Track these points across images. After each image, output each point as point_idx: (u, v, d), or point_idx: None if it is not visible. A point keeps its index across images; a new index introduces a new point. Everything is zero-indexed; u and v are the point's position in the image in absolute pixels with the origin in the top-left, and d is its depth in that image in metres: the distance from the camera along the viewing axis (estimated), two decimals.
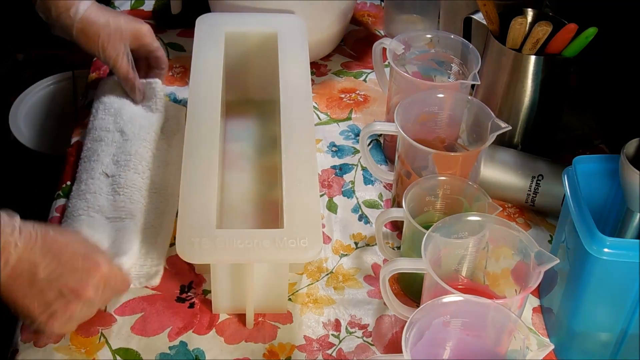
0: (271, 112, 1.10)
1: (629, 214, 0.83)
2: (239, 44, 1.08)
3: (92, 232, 0.92)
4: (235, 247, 0.81)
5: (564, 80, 1.05)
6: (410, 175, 0.95)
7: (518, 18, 1.00)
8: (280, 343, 0.87)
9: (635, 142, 0.80)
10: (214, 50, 1.03)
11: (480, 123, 0.95)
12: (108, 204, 0.95)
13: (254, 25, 1.10)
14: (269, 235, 0.83)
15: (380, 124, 0.98)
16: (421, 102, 0.98)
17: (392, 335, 0.89)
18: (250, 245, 0.81)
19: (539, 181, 1.00)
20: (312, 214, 0.85)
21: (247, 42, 1.09)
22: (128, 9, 1.36)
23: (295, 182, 0.88)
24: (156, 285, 0.91)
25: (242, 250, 0.81)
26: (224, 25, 1.08)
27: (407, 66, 1.08)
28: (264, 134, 1.09)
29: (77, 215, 0.94)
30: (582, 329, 0.84)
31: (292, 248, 0.81)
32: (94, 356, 0.85)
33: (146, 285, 0.91)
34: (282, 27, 1.08)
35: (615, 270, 0.78)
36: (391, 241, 1.00)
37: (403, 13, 1.30)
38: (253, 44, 1.10)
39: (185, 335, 0.88)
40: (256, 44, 1.09)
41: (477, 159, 0.94)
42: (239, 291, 0.87)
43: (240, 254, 0.81)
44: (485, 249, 0.86)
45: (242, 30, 1.09)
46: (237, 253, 0.81)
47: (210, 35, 1.06)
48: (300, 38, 1.07)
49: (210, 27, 1.07)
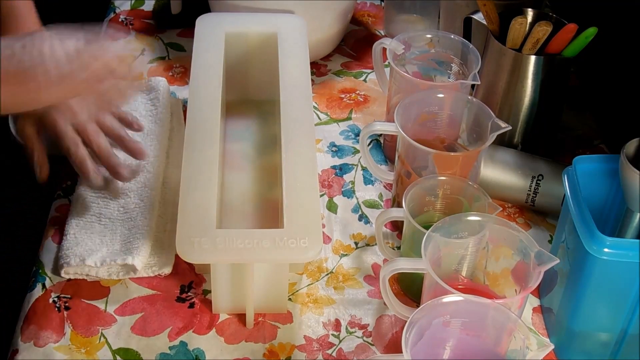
0: (271, 112, 1.10)
1: (629, 214, 0.83)
2: (239, 44, 1.08)
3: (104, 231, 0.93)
4: (235, 247, 0.81)
5: (564, 80, 1.05)
6: (410, 175, 0.95)
7: (518, 18, 1.00)
8: (280, 343, 0.87)
9: (635, 142, 0.80)
10: (214, 50, 1.03)
11: (480, 123, 0.95)
12: (118, 203, 0.96)
13: (254, 25, 1.10)
14: (269, 235, 0.83)
15: (380, 124, 0.98)
16: (421, 102, 0.98)
17: (392, 335, 0.89)
18: (250, 245, 0.81)
19: (539, 181, 1.00)
20: (312, 214, 0.85)
21: (248, 42, 1.09)
22: (128, 9, 1.35)
23: (296, 182, 0.88)
24: (168, 273, 0.92)
25: (242, 250, 0.81)
26: (224, 25, 1.08)
27: (407, 66, 1.08)
28: (264, 134, 1.09)
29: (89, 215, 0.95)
30: (582, 329, 0.84)
31: (292, 248, 0.81)
32: (94, 356, 0.85)
33: (158, 273, 0.92)
34: (283, 27, 1.08)
35: (615, 270, 0.78)
36: (391, 241, 1.00)
37: (403, 13, 1.30)
38: (253, 44, 1.09)
39: (185, 335, 0.88)
40: (256, 44, 1.09)
41: (477, 159, 0.94)
42: (239, 291, 0.87)
43: (240, 254, 0.81)
44: (485, 249, 0.86)
45: (243, 30, 1.09)
46: (237, 253, 0.81)
47: (211, 35, 1.06)
48: (301, 38, 1.07)
49: (211, 27, 1.07)
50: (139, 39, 1.29)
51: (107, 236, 0.93)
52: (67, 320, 0.88)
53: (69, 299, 0.90)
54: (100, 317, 0.89)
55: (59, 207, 1.01)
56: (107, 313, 0.89)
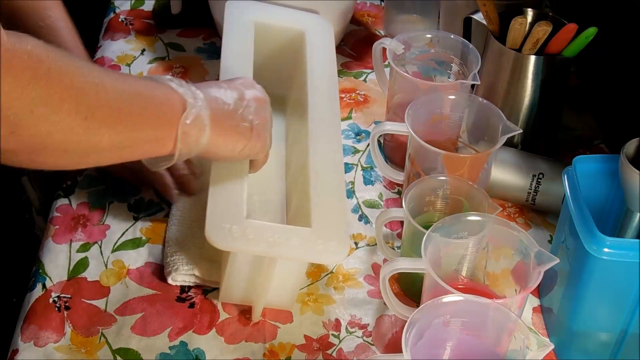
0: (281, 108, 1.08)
1: (629, 214, 0.83)
2: (265, 36, 1.06)
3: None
4: (265, 240, 0.80)
5: (564, 80, 1.05)
6: (419, 176, 0.94)
7: (518, 18, 1.00)
8: (280, 343, 0.87)
9: (635, 142, 0.80)
10: (244, 39, 1.01)
11: (489, 124, 0.95)
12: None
13: (283, 19, 1.08)
14: (297, 232, 0.82)
15: (390, 124, 0.98)
16: (433, 104, 0.97)
17: (392, 335, 0.89)
18: (280, 240, 0.81)
19: (539, 179, 1.00)
20: (340, 216, 0.85)
21: (273, 35, 1.07)
22: (128, 9, 1.35)
23: (324, 182, 0.87)
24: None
25: (272, 244, 0.80)
26: (254, 14, 1.05)
27: (407, 66, 1.08)
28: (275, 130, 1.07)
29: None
30: (582, 329, 0.84)
31: (320, 249, 0.81)
32: (94, 356, 0.85)
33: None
34: (311, 26, 1.06)
35: (615, 270, 0.78)
36: (391, 241, 1.00)
37: (403, 13, 1.30)
38: (279, 38, 1.07)
39: (185, 335, 0.88)
40: (282, 38, 1.07)
41: (487, 160, 0.94)
42: (252, 283, 0.86)
43: (270, 247, 0.80)
44: (485, 249, 0.86)
45: (271, 22, 1.06)
46: (266, 245, 0.80)
47: (240, 24, 1.03)
48: (329, 40, 1.05)
49: (240, 15, 1.05)
50: (139, 39, 1.29)
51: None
52: (67, 320, 0.88)
53: (69, 299, 0.90)
54: (100, 317, 0.89)
55: (59, 207, 1.01)
56: (107, 313, 0.89)
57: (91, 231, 0.98)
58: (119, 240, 0.97)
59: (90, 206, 1.01)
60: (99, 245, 0.96)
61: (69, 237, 0.97)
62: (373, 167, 1.09)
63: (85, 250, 0.95)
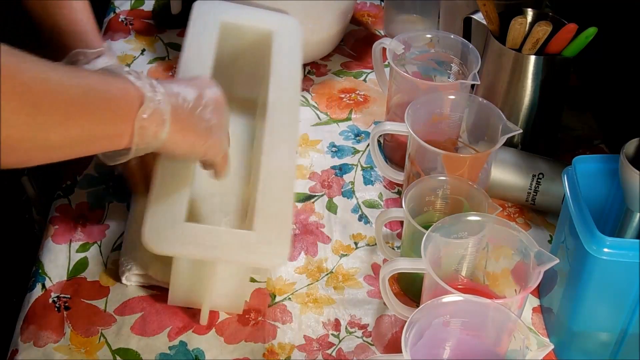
0: (251, 110, 1.08)
1: (629, 214, 0.83)
2: (232, 37, 1.05)
3: None
4: (202, 243, 0.80)
5: (564, 80, 1.05)
6: (419, 176, 0.94)
7: (518, 18, 1.00)
8: (280, 343, 0.87)
9: (635, 142, 0.80)
10: (207, 39, 1.00)
11: (489, 124, 0.95)
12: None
13: (251, 20, 1.07)
14: (237, 236, 0.82)
15: (390, 124, 0.98)
16: (433, 104, 0.97)
17: (392, 335, 0.89)
18: (217, 244, 0.81)
19: (539, 179, 1.00)
20: (283, 220, 0.84)
21: (241, 36, 1.06)
22: (128, 9, 1.36)
23: (272, 187, 0.86)
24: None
25: (209, 248, 0.80)
26: (221, 14, 1.05)
27: (407, 66, 1.08)
28: (243, 132, 1.07)
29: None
30: (582, 329, 0.84)
31: (260, 252, 0.81)
32: (94, 356, 0.85)
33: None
34: (279, 27, 1.06)
35: (615, 270, 0.78)
36: (391, 241, 1.00)
37: (403, 13, 1.30)
38: (246, 39, 1.06)
39: (184, 335, 0.88)
40: (249, 39, 1.06)
41: (487, 160, 0.94)
42: (198, 286, 0.86)
43: (206, 251, 0.80)
44: (485, 249, 0.86)
45: (238, 23, 1.05)
46: (203, 249, 0.80)
47: (205, 23, 1.02)
48: (296, 41, 1.04)
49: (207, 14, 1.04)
50: (139, 39, 1.29)
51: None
52: (66, 320, 0.88)
53: (69, 299, 0.90)
54: (100, 317, 0.89)
55: (59, 207, 1.01)
56: (107, 313, 0.89)
57: (91, 231, 0.98)
58: (119, 240, 0.97)
59: (89, 206, 1.01)
60: (98, 245, 0.96)
61: (69, 237, 0.97)
62: (373, 167, 1.09)
63: (85, 250, 0.95)
